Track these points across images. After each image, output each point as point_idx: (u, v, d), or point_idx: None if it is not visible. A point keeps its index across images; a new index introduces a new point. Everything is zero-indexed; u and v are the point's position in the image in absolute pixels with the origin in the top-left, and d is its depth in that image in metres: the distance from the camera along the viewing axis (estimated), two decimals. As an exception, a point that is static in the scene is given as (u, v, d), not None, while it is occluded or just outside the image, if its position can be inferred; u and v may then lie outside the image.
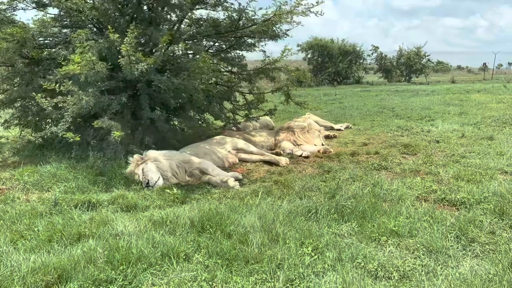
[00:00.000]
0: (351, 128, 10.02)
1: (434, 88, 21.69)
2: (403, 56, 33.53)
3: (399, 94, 18.57)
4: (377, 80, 33.33)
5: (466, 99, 14.80)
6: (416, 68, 32.76)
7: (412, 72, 33.38)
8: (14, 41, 6.12)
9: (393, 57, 34.19)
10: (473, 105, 12.77)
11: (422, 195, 4.78)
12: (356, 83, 31.06)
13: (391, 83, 30.53)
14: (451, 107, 12.40)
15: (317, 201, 4.57)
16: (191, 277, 3.04)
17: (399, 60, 33.93)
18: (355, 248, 3.42)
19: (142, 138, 6.91)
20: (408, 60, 33.02)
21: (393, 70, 33.69)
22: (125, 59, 5.34)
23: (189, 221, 3.91)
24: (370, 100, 16.21)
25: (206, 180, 5.74)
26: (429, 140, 8.00)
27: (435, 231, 3.72)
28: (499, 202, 4.27)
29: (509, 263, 3.10)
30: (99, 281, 2.86)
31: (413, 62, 32.67)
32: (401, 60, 33.80)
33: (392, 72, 33.63)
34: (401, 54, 33.78)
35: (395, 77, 33.42)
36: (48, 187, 5.34)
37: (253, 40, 8.59)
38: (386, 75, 33.73)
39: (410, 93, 18.80)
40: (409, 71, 33.33)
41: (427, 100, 14.88)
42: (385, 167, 6.17)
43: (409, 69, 33.30)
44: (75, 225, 3.88)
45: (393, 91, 20.49)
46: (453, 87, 22.14)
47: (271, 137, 7.98)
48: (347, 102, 15.88)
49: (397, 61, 34.02)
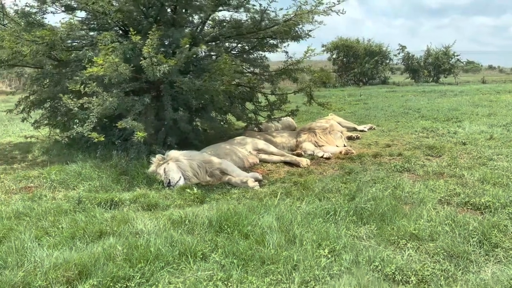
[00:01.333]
0: (375, 129, 9.88)
1: (462, 89, 21.16)
2: (431, 56, 32.76)
3: (426, 95, 18.19)
4: (404, 80, 32.72)
5: (496, 100, 14.36)
6: (444, 68, 31.96)
7: (440, 73, 32.59)
8: (43, 43, 6.32)
9: (421, 57, 33.48)
10: (503, 106, 12.38)
11: (445, 198, 4.67)
12: (382, 83, 30.61)
13: (418, 84, 29.94)
14: (480, 108, 12.06)
15: (336, 202, 4.53)
16: (207, 276, 3.07)
17: (426, 60, 33.18)
18: (372, 250, 3.38)
19: (165, 138, 7.02)
20: (436, 60, 32.25)
21: (421, 70, 32.98)
22: (147, 60, 5.44)
23: (207, 220, 3.96)
24: (396, 101, 15.95)
25: (226, 181, 5.78)
26: (455, 142, 7.81)
27: (456, 235, 3.63)
28: (525, 207, 4.13)
29: (533, 269, 3.00)
30: (117, 278, 2.93)
31: (441, 62, 31.90)
32: (428, 60, 33.03)
33: (420, 72, 32.93)
34: (429, 54, 33.02)
35: (422, 77, 32.72)
36: (73, 186, 5.50)
37: (275, 41, 8.61)
38: (413, 76, 33.06)
39: (437, 94, 18.40)
40: (437, 71, 32.55)
41: (455, 101, 14.53)
42: (408, 169, 6.06)
43: (437, 69, 32.53)
44: (97, 223, 3.98)
45: (420, 92, 20.09)
46: (483, 88, 21.53)
47: (293, 138, 7.96)
48: (371, 102, 15.67)
49: (424, 61, 33.28)
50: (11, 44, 6.16)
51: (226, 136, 7.82)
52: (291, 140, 7.92)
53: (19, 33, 6.27)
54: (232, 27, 7.42)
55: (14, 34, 6.21)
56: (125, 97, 6.16)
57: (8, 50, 6.34)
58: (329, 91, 24.14)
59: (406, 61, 33.53)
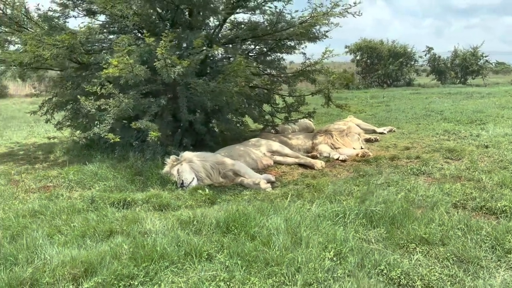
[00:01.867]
0: (395, 131, 9.72)
1: (490, 91, 20.59)
2: (458, 57, 32.01)
3: (451, 97, 17.79)
4: (430, 82, 32.05)
5: (524, 101, 13.92)
6: (472, 69, 31.16)
7: (467, 74, 31.79)
8: (63, 47, 6.49)
9: (447, 58, 32.74)
10: (530, 108, 11.98)
11: (460, 202, 4.55)
12: (407, 85, 30.07)
13: (444, 85, 29.29)
14: (506, 111, 11.70)
15: (347, 205, 4.47)
16: (210, 276, 3.09)
17: (453, 61, 32.44)
18: (379, 254, 3.32)
19: (181, 139, 7.10)
20: (464, 61, 31.48)
21: (447, 72, 32.26)
22: (161, 62, 5.52)
23: (215, 221, 3.97)
24: (419, 102, 15.65)
25: (239, 182, 5.80)
26: (477, 145, 7.60)
27: (468, 240, 3.53)
28: (543, 212, 3.98)
29: (545, 277, 2.88)
30: (121, 276, 2.98)
31: (469, 63, 31.11)
32: (456, 61, 32.30)
33: (446, 73, 32.23)
34: (456, 55, 32.26)
35: (449, 79, 32.01)
36: (89, 186, 5.62)
37: (292, 43, 8.59)
38: (440, 77, 32.35)
39: (463, 96, 17.97)
40: (465, 72, 31.78)
41: (481, 103, 14.15)
42: (424, 172, 5.93)
43: (464, 71, 31.75)
44: (108, 222, 4.05)
45: (445, 94, 19.66)
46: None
47: (308, 140, 7.91)
48: (393, 105, 15.42)
49: (451, 62, 32.54)
50: (32, 48, 6.35)
51: (242, 138, 7.84)
52: (307, 142, 7.87)
53: (40, 37, 6.47)
54: (248, 29, 7.45)
55: (35, 38, 6.41)
56: (141, 99, 6.26)
57: (30, 53, 6.55)
58: (352, 93, 23.93)
59: (432, 62, 32.85)
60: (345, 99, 19.83)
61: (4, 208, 4.65)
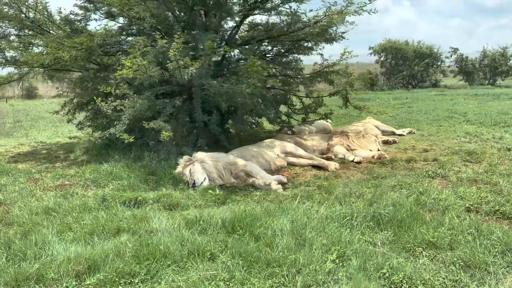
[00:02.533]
0: (414, 133, 9.53)
1: (520, 92, 19.92)
2: (487, 57, 31.12)
3: (478, 98, 17.30)
4: (457, 83, 31.27)
5: (553, 103, 13.41)
6: (501, 70, 30.23)
7: (496, 75, 30.87)
8: (82, 49, 6.66)
9: (476, 59, 31.86)
10: (559, 110, 11.54)
11: (474, 206, 4.42)
12: (433, 86, 29.43)
13: (472, 87, 28.53)
14: (532, 112, 11.31)
15: (356, 207, 4.41)
16: (210, 276, 3.10)
17: (482, 61, 31.56)
18: (382, 257, 3.27)
19: (196, 140, 7.16)
20: (493, 62, 30.58)
21: (475, 73, 31.40)
22: (173, 63, 5.58)
23: (220, 221, 3.99)
24: (443, 104, 15.29)
25: (251, 183, 5.81)
26: (499, 148, 7.38)
27: (477, 245, 3.43)
28: (560, 217, 3.83)
29: (554, 284, 2.77)
30: (122, 274, 3.03)
31: (498, 63, 30.19)
32: (484, 62, 31.41)
33: (474, 74, 31.37)
34: (484, 55, 31.37)
35: (477, 80, 31.15)
36: (104, 184, 5.74)
37: (309, 44, 8.55)
38: (467, 78, 31.52)
39: (490, 97, 17.45)
40: (494, 73, 30.86)
41: (507, 105, 13.72)
42: (440, 174, 5.80)
43: (493, 72, 30.84)
44: (116, 220, 4.13)
45: (472, 95, 19.16)
46: (543, 91, 20.15)
47: (324, 141, 7.85)
48: (416, 106, 15.12)
49: (479, 63, 31.66)
50: (52, 50, 6.54)
51: (257, 139, 7.85)
52: (322, 143, 7.81)
53: (61, 40, 6.66)
54: (263, 30, 7.46)
55: (56, 41, 6.60)
56: (156, 100, 6.35)
57: (50, 55, 6.74)
58: (376, 94, 23.64)
59: (460, 63, 32.05)
60: (367, 100, 19.59)
61: (21, 205, 4.80)
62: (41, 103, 22.36)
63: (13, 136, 10.75)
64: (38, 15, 7.51)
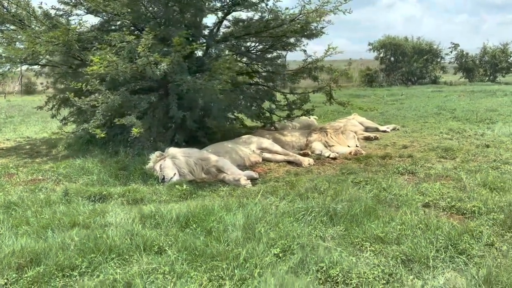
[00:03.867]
0: (398, 129, 9.52)
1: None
2: (487, 54, 30.89)
3: (473, 95, 17.22)
4: (458, 80, 31.07)
5: (545, 100, 13.33)
6: (501, 66, 30.00)
7: (497, 71, 30.64)
8: (59, 44, 6.69)
9: (476, 55, 31.63)
10: (548, 107, 11.47)
11: (433, 202, 4.43)
12: (433, 83, 29.27)
13: (472, 83, 28.34)
14: (520, 109, 11.26)
15: (316, 203, 4.43)
16: (152, 269, 3.14)
17: (482, 58, 31.32)
18: (324, 251, 3.29)
19: (173, 136, 7.20)
20: (493, 58, 30.35)
21: (476, 69, 31.18)
22: (143, 59, 5.61)
23: (175, 216, 4.03)
24: (435, 101, 15.23)
25: (221, 178, 5.83)
26: (477, 144, 7.36)
27: (422, 240, 3.44)
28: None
29: (484, 279, 2.78)
30: (62, 267, 3.08)
31: (498, 60, 29.96)
32: (484, 58, 31.17)
33: (475, 71, 31.15)
34: (485, 52, 31.13)
35: (477, 76, 30.93)
36: (75, 179, 5.79)
37: (292, 40, 8.56)
38: (467, 75, 31.30)
39: (485, 94, 17.35)
40: (494, 70, 30.63)
41: (499, 101, 13.65)
42: (410, 171, 5.80)
43: (493, 68, 30.61)
44: (74, 214, 4.18)
45: (469, 92, 19.06)
46: (540, 87, 20.01)
47: (303, 137, 7.85)
48: (408, 103, 15.09)
49: (480, 60, 31.43)
50: (29, 44, 6.59)
51: (236, 135, 7.87)
52: (301, 139, 7.82)
53: (38, 34, 6.70)
54: (242, 27, 7.47)
55: (33, 35, 6.64)
56: (130, 96, 6.39)
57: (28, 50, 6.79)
58: (374, 90, 23.59)
59: (460, 59, 31.82)
60: (363, 96, 19.57)
61: (-13, 199, 4.86)
62: (38, 99, 22.46)
63: (1, 131, 10.83)
64: (21, 10, 7.56)
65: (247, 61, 8.86)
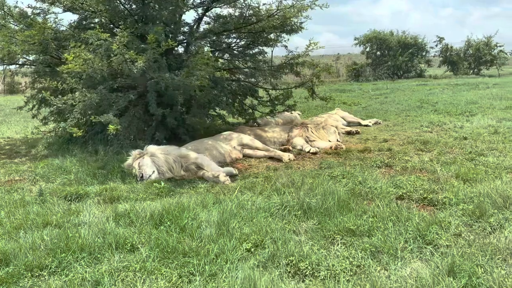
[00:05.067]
0: (380, 123, 9.61)
1: (498, 81, 20.08)
2: (471, 47, 31.22)
3: (457, 88, 17.39)
4: (443, 73, 31.36)
5: (525, 92, 13.53)
6: (485, 59, 30.34)
7: (481, 64, 30.97)
8: (35, 43, 6.62)
9: (460, 49, 31.94)
10: (527, 99, 11.65)
11: (406, 194, 4.49)
12: (418, 76, 29.52)
13: (456, 76, 28.63)
14: (499, 102, 11.40)
15: (292, 197, 4.46)
16: (123, 266, 3.14)
17: (466, 51, 31.65)
18: (294, 245, 3.32)
19: (153, 134, 7.17)
20: (477, 52, 30.67)
21: (460, 63, 31.49)
22: (118, 57, 5.58)
23: (149, 214, 4.03)
24: (419, 94, 15.37)
25: (201, 175, 5.84)
26: (455, 137, 7.46)
27: (392, 232, 3.49)
28: (481, 203, 3.90)
29: (448, 268, 2.84)
30: (31, 267, 3.06)
31: (482, 53, 30.29)
32: (469, 52, 31.51)
33: (459, 64, 31.46)
34: (469, 45, 31.47)
35: (462, 69, 31.25)
36: (53, 179, 5.74)
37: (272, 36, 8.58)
38: (452, 68, 31.62)
39: (468, 87, 17.54)
40: (478, 63, 30.96)
41: (480, 94, 13.82)
42: (388, 164, 5.87)
43: (477, 61, 30.94)
44: (46, 214, 4.15)
45: (452, 85, 19.25)
46: (522, 79, 20.30)
47: (285, 133, 7.88)
48: (392, 96, 15.21)
49: (464, 53, 31.74)
50: (5, 44, 6.51)
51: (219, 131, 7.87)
52: (283, 135, 7.85)
53: (13, 34, 6.62)
54: (221, 23, 7.46)
55: (8, 35, 6.56)
56: (108, 94, 6.35)
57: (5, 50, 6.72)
58: (360, 85, 23.68)
59: (444, 53, 32.12)
60: (348, 91, 19.67)
61: (-39, 201, 4.80)
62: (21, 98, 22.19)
63: (-18, 132, 10.68)
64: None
65: (229, 57, 8.85)
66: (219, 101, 7.73)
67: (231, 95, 8.42)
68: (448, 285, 2.67)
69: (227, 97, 8.23)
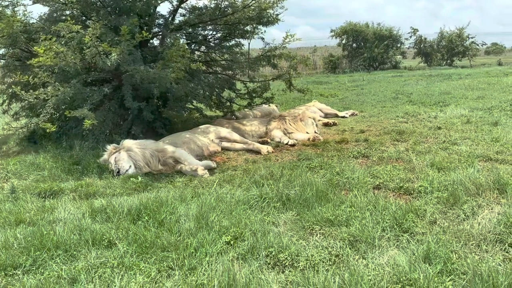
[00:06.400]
0: (357, 115, 9.70)
1: (471, 72, 20.51)
2: (444, 38, 31.81)
3: (431, 79, 17.71)
4: (418, 65, 31.89)
5: (496, 82, 13.89)
6: (457, 51, 30.98)
7: (454, 55, 31.61)
8: (4, 36, 6.39)
9: (434, 40, 32.52)
10: (498, 89, 11.95)
11: (383, 184, 4.56)
12: (394, 68, 29.94)
13: (430, 68, 29.17)
14: (471, 92, 11.68)
15: (271, 189, 4.46)
16: (100, 263, 3.09)
17: (440, 43, 32.24)
18: (274, 237, 3.33)
19: (130, 128, 7.06)
20: (450, 43, 31.28)
21: (434, 54, 32.08)
22: (91, 50, 5.45)
23: (126, 209, 3.97)
24: (394, 85, 15.58)
25: (179, 169, 5.79)
26: (430, 127, 7.60)
27: (369, 221, 3.54)
28: (455, 191, 3.99)
29: (423, 255, 2.90)
30: (4, 266, 2.98)
31: (455, 44, 30.91)
32: (442, 43, 32.10)
33: (433, 56, 32.05)
34: (442, 37, 32.05)
35: (435, 61, 31.85)
36: (26, 176, 5.59)
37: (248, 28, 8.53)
38: (426, 59, 32.19)
39: (441, 78, 17.90)
40: (451, 54, 31.59)
41: (453, 85, 14.11)
42: (365, 154, 5.93)
43: (450, 52, 31.57)
44: (21, 212, 4.05)
45: (426, 76, 19.61)
46: (493, 70, 20.82)
47: (263, 125, 7.88)
48: (368, 88, 15.37)
49: (437, 44, 32.33)
50: (-29, 38, 6.26)
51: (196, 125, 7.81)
52: (261, 127, 7.84)
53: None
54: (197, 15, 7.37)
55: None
56: (82, 88, 6.20)
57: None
58: (337, 77, 23.85)
59: (418, 44, 32.65)
60: (325, 83, 19.78)
61: None
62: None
63: (-50, 129, 10.30)
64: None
65: (205, 50, 8.76)
66: (196, 94, 7.66)
67: (208, 88, 8.34)
68: (424, 271, 2.72)
69: (204, 90, 8.15)
